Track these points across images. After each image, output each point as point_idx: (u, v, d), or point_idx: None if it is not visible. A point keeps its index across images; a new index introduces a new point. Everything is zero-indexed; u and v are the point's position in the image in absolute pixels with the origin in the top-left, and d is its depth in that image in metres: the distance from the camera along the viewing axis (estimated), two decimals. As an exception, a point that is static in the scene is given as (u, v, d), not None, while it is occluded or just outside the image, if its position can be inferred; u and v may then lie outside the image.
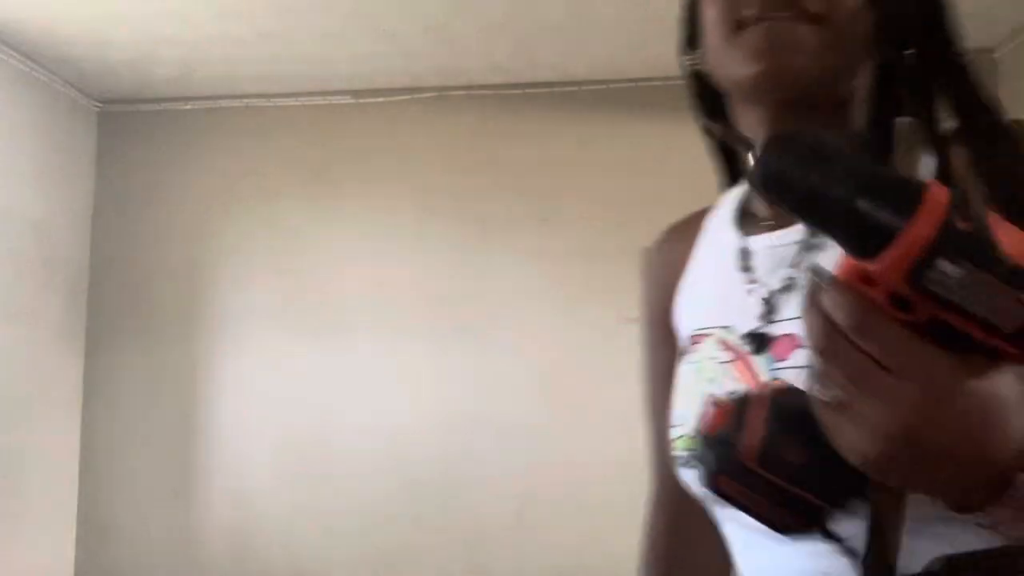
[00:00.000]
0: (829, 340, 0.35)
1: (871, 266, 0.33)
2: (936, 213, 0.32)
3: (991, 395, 0.34)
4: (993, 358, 0.34)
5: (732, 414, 0.43)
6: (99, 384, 3.25)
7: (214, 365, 3.23)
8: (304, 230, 3.27)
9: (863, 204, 0.33)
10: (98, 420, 3.23)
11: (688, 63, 0.59)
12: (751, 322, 0.57)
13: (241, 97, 3.38)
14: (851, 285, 0.35)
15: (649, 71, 3.20)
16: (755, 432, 0.41)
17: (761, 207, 0.61)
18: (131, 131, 3.41)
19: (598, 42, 2.94)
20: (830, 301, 0.35)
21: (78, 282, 3.26)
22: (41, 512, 2.99)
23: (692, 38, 0.59)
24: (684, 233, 0.68)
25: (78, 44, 2.90)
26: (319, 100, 3.36)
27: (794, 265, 0.56)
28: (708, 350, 0.60)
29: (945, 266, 0.32)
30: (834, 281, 0.35)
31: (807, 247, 0.55)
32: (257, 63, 3.11)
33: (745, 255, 0.59)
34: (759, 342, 0.56)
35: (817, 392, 0.37)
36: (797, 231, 0.57)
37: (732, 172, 0.68)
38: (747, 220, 0.62)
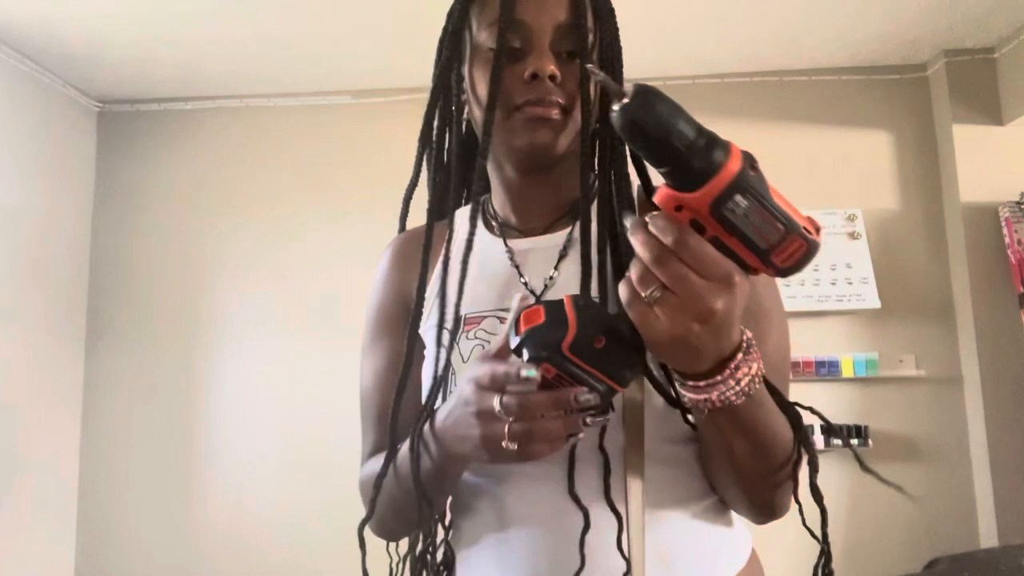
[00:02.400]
0: (658, 252, 0.48)
1: (688, 196, 0.46)
2: (737, 162, 0.46)
3: (739, 301, 0.51)
4: (744, 269, 0.50)
5: (547, 314, 0.55)
6: (99, 384, 3.25)
7: (214, 365, 3.23)
8: (304, 230, 3.27)
9: (699, 144, 0.46)
10: (98, 420, 3.23)
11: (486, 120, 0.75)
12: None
13: (241, 97, 3.38)
14: (667, 213, 0.48)
15: (649, 71, 3.20)
16: (572, 327, 0.53)
17: (513, 217, 0.81)
18: (131, 131, 3.41)
19: (598, 42, 2.94)
20: (659, 225, 0.48)
21: (78, 282, 3.26)
22: (41, 512, 2.99)
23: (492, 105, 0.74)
24: (419, 243, 0.80)
25: (78, 44, 2.90)
26: (319, 100, 3.36)
27: (556, 265, 0.76)
28: (490, 326, 0.74)
29: (739, 199, 0.45)
30: (660, 212, 0.49)
31: (567, 248, 0.76)
32: (257, 63, 3.11)
33: (513, 255, 0.78)
34: None
35: (631, 292, 0.51)
36: (557, 237, 0.77)
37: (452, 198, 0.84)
38: (505, 230, 0.81)
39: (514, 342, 0.55)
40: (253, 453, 3.16)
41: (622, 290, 0.52)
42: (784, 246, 0.47)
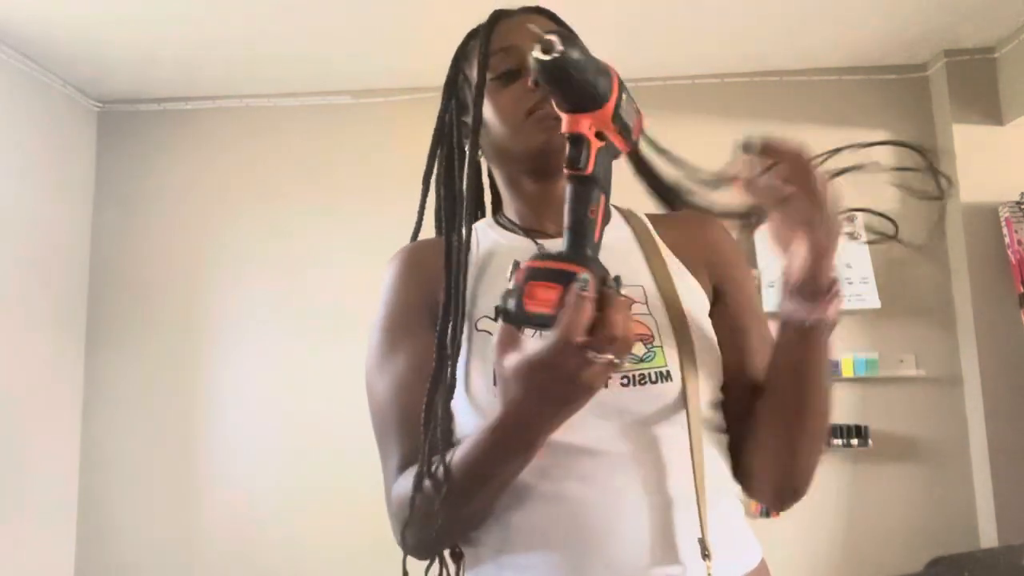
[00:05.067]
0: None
1: (593, 114, 0.60)
2: (616, 79, 0.61)
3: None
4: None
5: (555, 276, 0.60)
6: (99, 384, 3.25)
7: (214, 365, 3.23)
8: (304, 230, 3.27)
9: (601, 80, 0.59)
10: (98, 420, 3.23)
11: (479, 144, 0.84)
12: None
13: (241, 97, 3.38)
14: (573, 128, 0.61)
15: (649, 71, 3.20)
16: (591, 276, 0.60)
17: (536, 223, 0.87)
18: (131, 131, 3.41)
19: (597, 42, 2.93)
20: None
21: (78, 282, 3.26)
22: (41, 512, 2.99)
23: (479, 125, 0.83)
24: (438, 249, 0.84)
25: (78, 44, 2.90)
26: (319, 100, 3.36)
27: None
28: None
29: (624, 101, 0.61)
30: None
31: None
32: (257, 63, 3.11)
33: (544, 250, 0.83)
34: None
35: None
36: None
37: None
38: (530, 233, 0.86)
39: (546, 319, 0.58)
40: (253, 452, 3.16)
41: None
42: (638, 124, 0.66)
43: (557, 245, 0.79)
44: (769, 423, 0.76)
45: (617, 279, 0.60)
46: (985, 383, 2.87)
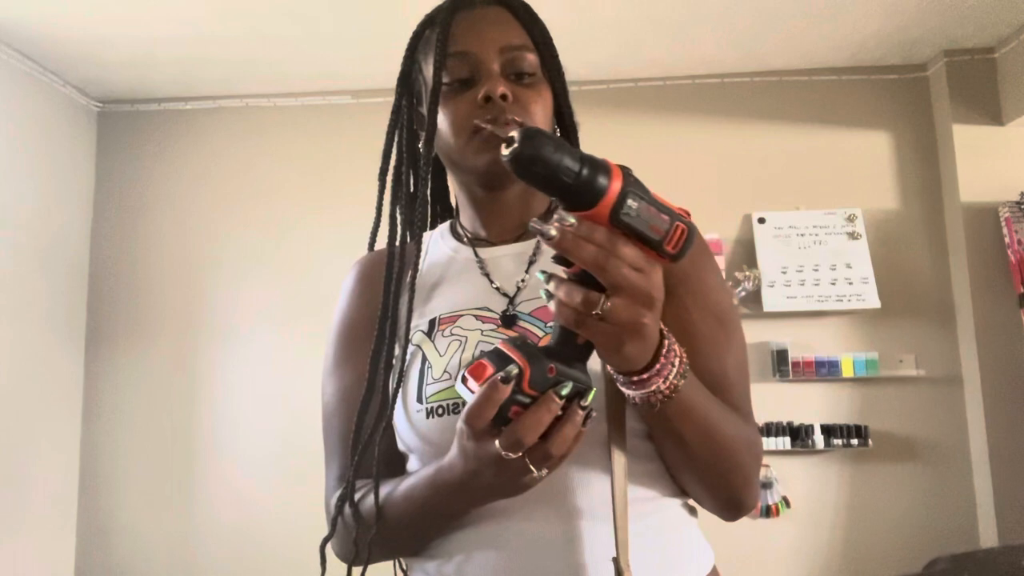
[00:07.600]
0: (603, 260, 0.52)
1: (588, 213, 0.53)
2: (619, 178, 0.53)
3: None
4: None
5: (494, 363, 0.59)
6: (99, 384, 3.25)
7: (214, 365, 3.23)
8: (304, 230, 3.27)
9: (584, 173, 0.52)
10: (98, 420, 3.23)
11: (432, 150, 0.82)
12: (501, 307, 0.78)
13: (241, 97, 3.38)
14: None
15: (649, 71, 3.21)
16: (525, 367, 0.57)
17: (483, 231, 0.85)
18: (131, 131, 3.41)
19: (598, 42, 2.95)
20: (599, 236, 0.52)
21: (78, 282, 3.26)
22: (41, 512, 2.99)
23: (432, 135, 0.80)
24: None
25: (78, 44, 2.90)
26: (319, 100, 3.36)
27: (527, 270, 0.80)
28: (466, 323, 0.78)
29: (631, 203, 0.53)
30: (581, 222, 0.53)
31: (536, 255, 0.81)
32: (257, 63, 3.11)
33: (483, 263, 0.83)
34: (510, 321, 0.76)
35: (578, 313, 0.54)
36: (526, 245, 0.82)
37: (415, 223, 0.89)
38: (475, 242, 0.85)
39: (471, 397, 0.59)
40: (253, 452, 3.16)
41: (565, 315, 0.55)
42: (671, 234, 0.55)
43: (495, 253, 0.82)
44: (675, 472, 0.74)
45: (590, 411, 0.59)
46: (985, 383, 2.87)
